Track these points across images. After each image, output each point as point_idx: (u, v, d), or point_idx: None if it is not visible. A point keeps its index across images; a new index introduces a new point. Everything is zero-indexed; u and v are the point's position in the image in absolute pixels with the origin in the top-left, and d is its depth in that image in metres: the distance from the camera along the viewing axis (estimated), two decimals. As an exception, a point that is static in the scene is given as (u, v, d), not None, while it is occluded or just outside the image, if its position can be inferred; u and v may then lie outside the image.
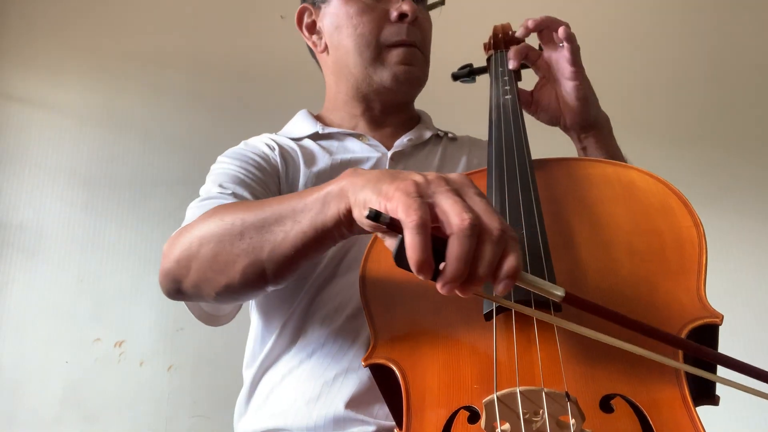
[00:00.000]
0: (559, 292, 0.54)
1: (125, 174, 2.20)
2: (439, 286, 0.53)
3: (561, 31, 0.97)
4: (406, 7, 1.06)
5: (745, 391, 0.57)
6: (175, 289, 0.84)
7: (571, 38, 0.97)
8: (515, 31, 1.14)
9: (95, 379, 1.95)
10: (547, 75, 1.03)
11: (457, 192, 0.56)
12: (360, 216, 0.61)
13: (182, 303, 0.99)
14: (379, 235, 0.62)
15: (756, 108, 2.45)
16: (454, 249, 0.52)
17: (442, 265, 0.53)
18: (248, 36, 2.40)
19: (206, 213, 0.81)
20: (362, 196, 0.60)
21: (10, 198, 2.14)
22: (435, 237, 0.53)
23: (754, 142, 2.41)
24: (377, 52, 1.07)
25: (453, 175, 0.59)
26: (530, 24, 1.00)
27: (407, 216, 0.53)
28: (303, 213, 0.67)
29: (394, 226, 0.54)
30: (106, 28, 2.38)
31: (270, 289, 0.78)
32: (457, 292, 0.54)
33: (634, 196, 0.80)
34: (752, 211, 2.30)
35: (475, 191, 0.57)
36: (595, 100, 1.02)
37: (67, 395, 1.93)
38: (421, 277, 0.53)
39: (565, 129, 1.04)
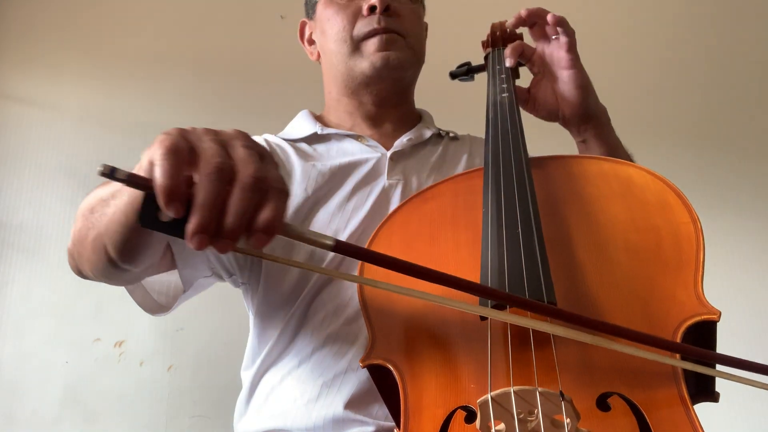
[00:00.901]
0: (329, 241, 0.53)
1: (125, 174, 2.20)
2: (187, 239, 0.49)
3: (550, 17, 0.97)
4: (373, 0, 1.07)
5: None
6: (75, 266, 0.82)
7: (563, 23, 0.97)
8: (513, 29, 1.13)
9: (95, 379, 1.95)
10: (542, 70, 1.04)
11: (223, 142, 0.53)
12: None
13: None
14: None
15: (757, 108, 2.44)
16: (198, 194, 0.49)
17: None
18: (248, 36, 2.40)
19: None
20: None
21: (10, 198, 2.14)
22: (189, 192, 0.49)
23: (755, 142, 2.41)
24: (353, 46, 1.08)
25: (227, 130, 0.56)
26: (523, 13, 1.01)
27: (158, 147, 0.49)
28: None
29: (134, 183, 0.49)
30: (106, 28, 2.38)
31: (125, 267, 0.74)
32: (214, 249, 0.51)
33: (631, 193, 0.80)
34: (753, 211, 2.29)
35: (244, 143, 0.53)
36: (593, 89, 1.02)
37: (67, 395, 1.93)
38: (170, 213, 0.49)
39: (564, 122, 1.04)
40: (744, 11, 2.54)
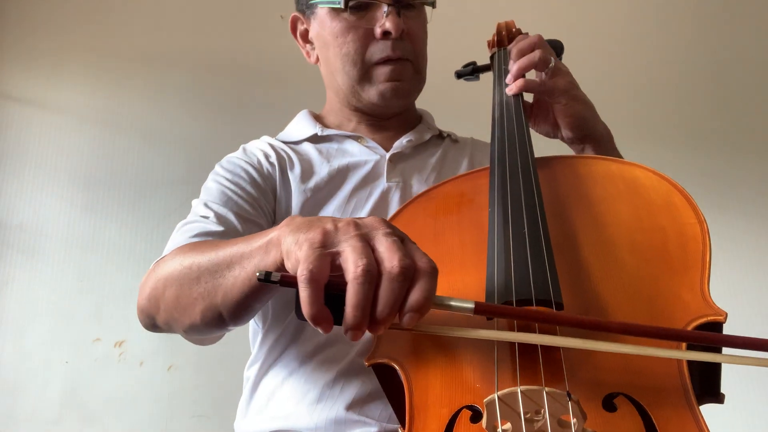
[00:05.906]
0: (470, 305, 0.56)
1: (125, 174, 2.20)
2: (345, 333, 0.54)
3: (514, 69, 0.97)
4: (389, 25, 1.01)
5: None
6: (151, 324, 0.87)
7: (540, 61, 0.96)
8: (519, 29, 1.13)
9: (95, 379, 1.95)
10: (541, 94, 1.02)
11: (365, 236, 0.56)
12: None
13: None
14: None
15: (761, 109, 2.44)
16: (349, 298, 0.53)
17: None
18: (248, 36, 2.40)
19: (172, 252, 0.84)
20: (285, 247, 0.61)
21: (10, 198, 2.14)
22: (339, 284, 0.54)
23: (760, 143, 2.41)
24: (363, 70, 1.04)
25: (366, 219, 0.59)
26: (514, 89, 0.99)
27: (300, 270, 0.54)
28: (249, 259, 0.68)
29: (287, 283, 0.55)
30: (106, 28, 2.37)
31: (232, 328, 0.80)
32: (370, 333, 0.55)
33: (637, 194, 0.79)
34: (757, 213, 2.29)
35: (385, 232, 0.57)
36: (593, 114, 0.99)
37: (67, 395, 1.93)
38: (320, 330, 0.54)
39: (563, 140, 1.03)
40: (749, 12, 2.54)
